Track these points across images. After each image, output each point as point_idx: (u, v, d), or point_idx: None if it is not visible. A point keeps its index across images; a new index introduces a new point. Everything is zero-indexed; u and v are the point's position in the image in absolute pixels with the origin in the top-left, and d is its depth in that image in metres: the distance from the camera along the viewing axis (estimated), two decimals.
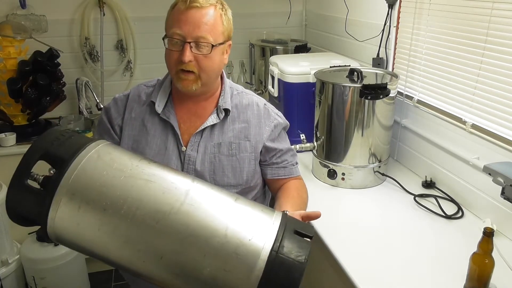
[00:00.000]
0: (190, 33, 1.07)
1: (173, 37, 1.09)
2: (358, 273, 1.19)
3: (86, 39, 2.61)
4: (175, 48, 1.10)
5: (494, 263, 1.03)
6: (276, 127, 1.26)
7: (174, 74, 1.12)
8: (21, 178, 0.72)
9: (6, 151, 2.19)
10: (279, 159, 1.28)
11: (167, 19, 1.14)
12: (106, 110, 1.22)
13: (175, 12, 1.10)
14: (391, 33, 1.89)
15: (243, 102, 1.24)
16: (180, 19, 1.08)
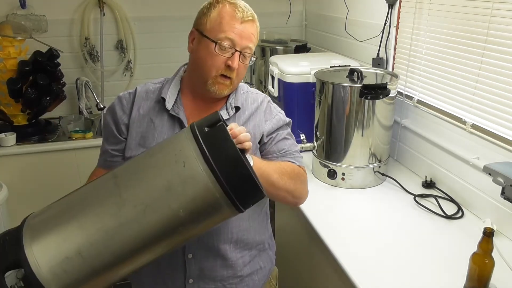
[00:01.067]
0: (241, 44, 1.11)
1: (226, 42, 1.10)
2: (358, 273, 1.19)
3: (86, 39, 2.61)
4: (223, 53, 1.11)
5: (494, 263, 1.03)
6: (278, 121, 1.26)
7: (213, 77, 1.12)
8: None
9: (6, 151, 2.19)
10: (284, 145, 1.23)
11: (215, 20, 1.11)
12: (111, 109, 1.21)
13: (226, 17, 1.10)
14: (391, 33, 1.89)
15: (249, 100, 1.25)
16: (235, 28, 1.10)
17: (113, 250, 0.75)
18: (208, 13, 1.12)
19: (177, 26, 2.71)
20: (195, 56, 1.15)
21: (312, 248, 1.52)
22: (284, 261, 1.94)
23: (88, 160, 2.29)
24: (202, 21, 1.13)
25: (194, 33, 1.15)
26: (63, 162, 2.27)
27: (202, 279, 1.16)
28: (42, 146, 2.25)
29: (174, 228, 0.76)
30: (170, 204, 0.75)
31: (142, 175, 0.78)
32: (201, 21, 1.13)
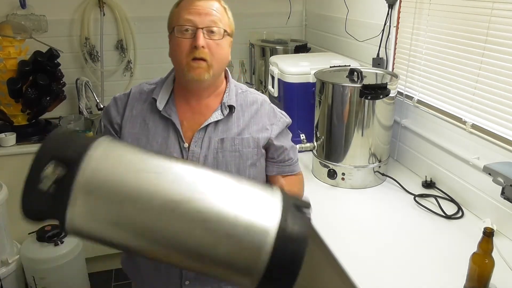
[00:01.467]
0: (202, 20, 1.08)
1: (185, 24, 1.08)
2: (358, 273, 1.19)
3: (86, 39, 2.61)
4: (184, 36, 1.09)
5: (494, 263, 1.03)
6: (283, 124, 1.27)
7: (185, 64, 1.10)
8: (34, 183, 0.73)
9: (6, 151, 2.20)
10: (286, 157, 1.28)
11: (173, 13, 1.13)
12: (106, 111, 1.21)
13: (183, 4, 1.11)
14: (391, 33, 1.89)
15: (248, 100, 1.23)
16: (190, 8, 1.09)
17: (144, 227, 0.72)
18: (171, 10, 1.13)
19: None
20: (170, 55, 1.15)
21: (312, 248, 1.52)
22: None
23: None
24: (168, 21, 1.14)
25: (168, 36, 1.15)
26: None
27: (198, 280, 1.16)
28: None
29: (200, 254, 0.72)
30: (222, 239, 0.71)
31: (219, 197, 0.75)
32: (168, 21, 1.14)
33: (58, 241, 2.18)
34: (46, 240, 2.16)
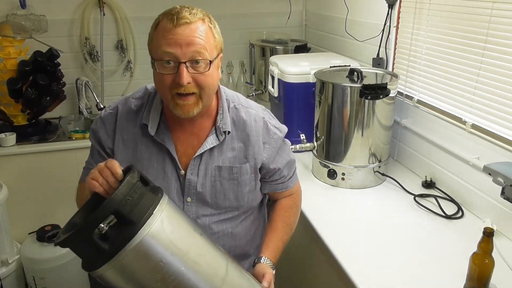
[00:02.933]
0: (184, 52, 0.97)
1: (164, 58, 0.97)
2: (358, 273, 1.19)
3: (86, 39, 2.61)
4: (168, 72, 0.99)
5: (494, 263, 1.03)
6: (276, 142, 1.19)
7: (170, 100, 1.02)
8: (90, 229, 0.77)
9: (6, 151, 2.19)
10: (278, 176, 1.24)
11: (152, 41, 1.02)
12: (94, 133, 1.14)
13: (160, 31, 0.99)
14: (391, 33, 1.89)
15: (242, 116, 1.15)
16: (169, 39, 0.97)
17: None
18: (150, 35, 1.03)
19: None
20: (155, 84, 1.08)
21: (312, 248, 1.52)
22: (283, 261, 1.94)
23: None
24: (149, 47, 1.04)
25: (151, 62, 1.04)
26: (63, 162, 2.27)
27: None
28: (42, 146, 2.25)
29: None
30: None
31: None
32: (149, 48, 1.04)
33: None
34: (46, 240, 2.16)
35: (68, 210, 2.59)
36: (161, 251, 0.80)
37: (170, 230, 0.83)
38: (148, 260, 0.79)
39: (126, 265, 0.78)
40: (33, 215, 2.30)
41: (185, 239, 0.86)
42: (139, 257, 0.78)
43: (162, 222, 0.81)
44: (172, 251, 0.81)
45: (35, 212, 2.31)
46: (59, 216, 2.33)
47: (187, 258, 0.84)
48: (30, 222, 2.28)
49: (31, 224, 2.27)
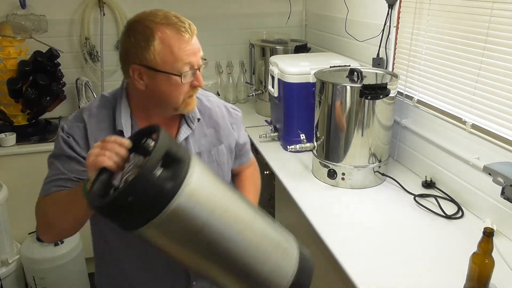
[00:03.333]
0: (197, 60, 1.05)
1: (185, 69, 1.02)
2: (358, 273, 1.19)
3: (86, 39, 2.61)
4: (189, 80, 1.04)
5: (494, 263, 1.03)
6: (239, 121, 1.29)
7: (182, 102, 1.06)
8: (151, 170, 0.78)
9: (6, 151, 2.20)
10: (245, 149, 1.32)
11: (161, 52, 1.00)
12: (65, 142, 1.07)
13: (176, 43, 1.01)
14: (391, 33, 1.89)
15: (206, 105, 1.20)
16: (188, 50, 1.02)
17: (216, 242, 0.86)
18: (150, 46, 1.00)
19: None
20: (153, 91, 1.05)
21: (312, 248, 1.52)
22: None
23: None
24: (145, 56, 1.01)
25: (138, 69, 1.02)
26: None
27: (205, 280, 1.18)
28: (42, 146, 2.25)
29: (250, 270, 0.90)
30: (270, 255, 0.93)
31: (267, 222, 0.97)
32: (144, 56, 1.01)
33: (58, 241, 2.18)
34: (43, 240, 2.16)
35: None
36: (205, 202, 0.84)
37: (209, 180, 0.88)
38: (195, 210, 0.82)
39: (176, 214, 0.80)
40: (33, 215, 2.29)
41: (221, 190, 0.91)
42: (190, 204, 0.81)
43: (202, 172, 0.85)
44: (213, 201, 0.86)
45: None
46: None
47: (226, 206, 0.89)
48: (30, 222, 2.26)
49: (31, 224, 2.26)
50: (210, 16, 2.74)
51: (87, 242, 2.39)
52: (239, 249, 0.88)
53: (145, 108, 1.11)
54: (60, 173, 1.05)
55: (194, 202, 0.81)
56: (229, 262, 0.89)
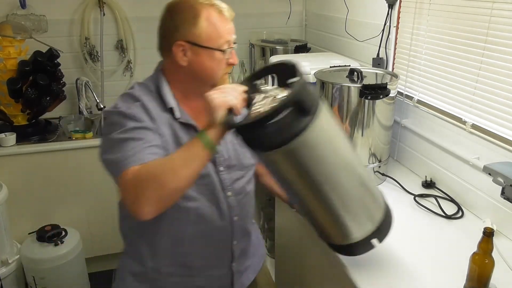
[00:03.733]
0: (233, 39, 1.14)
1: (227, 46, 1.12)
2: (357, 273, 1.19)
3: (86, 39, 2.61)
4: (227, 56, 1.13)
5: (494, 263, 1.03)
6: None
7: (219, 78, 1.15)
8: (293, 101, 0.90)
9: (6, 151, 2.19)
10: None
11: (207, 29, 1.08)
12: (132, 117, 1.05)
13: (219, 22, 1.10)
14: (391, 33, 1.89)
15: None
16: (228, 29, 1.12)
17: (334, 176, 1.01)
18: (197, 23, 1.08)
19: None
20: (193, 67, 1.11)
21: (312, 248, 1.52)
22: (284, 261, 1.94)
23: (88, 160, 2.30)
24: (191, 32, 1.08)
25: (183, 45, 1.09)
26: (63, 162, 2.27)
27: (242, 256, 1.29)
28: (42, 146, 2.25)
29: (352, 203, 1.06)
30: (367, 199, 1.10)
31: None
32: (191, 32, 1.08)
33: (58, 241, 2.18)
34: (46, 240, 2.16)
35: (68, 210, 2.60)
36: (328, 139, 0.98)
37: (332, 121, 1.00)
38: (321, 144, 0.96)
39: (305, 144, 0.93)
40: (33, 215, 2.31)
41: (340, 132, 1.04)
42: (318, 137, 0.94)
43: (327, 112, 0.98)
44: (334, 141, 1.00)
45: (35, 212, 2.31)
46: (59, 216, 2.34)
47: (344, 147, 1.03)
48: (30, 222, 2.28)
49: (31, 224, 2.27)
50: None
51: (87, 242, 2.40)
52: (345, 187, 1.03)
53: (184, 89, 1.16)
54: (146, 142, 1.02)
55: (321, 137, 0.95)
56: (334, 198, 1.02)
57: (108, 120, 1.08)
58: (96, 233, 2.43)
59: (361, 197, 1.08)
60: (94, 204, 2.37)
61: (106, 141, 1.06)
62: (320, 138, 0.95)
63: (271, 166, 1.03)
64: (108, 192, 2.37)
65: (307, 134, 0.91)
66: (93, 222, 2.40)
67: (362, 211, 1.09)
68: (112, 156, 1.00)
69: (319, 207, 1.06)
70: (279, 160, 0.96)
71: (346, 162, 1.03)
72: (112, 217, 2.43)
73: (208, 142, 0.94)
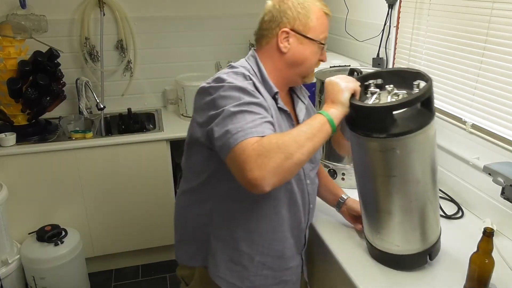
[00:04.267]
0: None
1: (324, 41, 1.20)
2: (357, 273, 1.19)
3: (86, 39, 2.61)
4: (323, 51, 1.21)
5: (494, 263, 1.03)
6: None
7: (310, 72, 1.23)
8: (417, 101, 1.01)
9: (6, 151, 2.19)
10: None
11: (315, 23, 1.17)
12: (247, 91, 1.05)
13: (322, 19, 1.18)
14: (391, 33, 1.90)
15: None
16: (327, 27, 1.21)
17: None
18: (308, 15, 1.15)
19: (177, 26, 2.71)
20: (293, 55, 1.17)
21: (312, 248, 1.52)
22: None
23: (88, 160, 2.30)
24: (300, 22, 1.15)
25: (288, 33, 1.15)
26: (63, 162, 2.27)
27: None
28: (42, 146, 2.25)
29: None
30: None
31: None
32: (300, 23, 1.15)
33: (58, 241, 2.18)
34: (46, 240, 2.16)
35: (68, 210, 2.60)
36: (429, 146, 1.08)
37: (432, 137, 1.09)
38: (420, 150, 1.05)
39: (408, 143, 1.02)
40: (33, 215, 2.31)
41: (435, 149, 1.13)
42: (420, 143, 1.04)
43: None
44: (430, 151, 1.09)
45: (35, 212, 2.31)
46: (59, 216, 2.34)
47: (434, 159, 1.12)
48: (30, 222, 2.28)
49: (31, 224, 2.27)
50: (210, 16, 2.74)
51: (87, 242, 2.40)
52: (420, 194, 1.10)
53: (278, 77, 1.19)
54: (264, 117, 1.01)
55: (425, 142, 1.04)
56: (411, 199, 1.10)
57: (218, 93, 1.04)
58: (96, 233, 2.43)
59: (431, 210, 1.14)
60: (94, 204, 2.38)
61: (219, 113, 1.02)
62: (424, 142, 1.05)
63: (363, 152, 1.10)
64: (108, 192, 2.37)
65: (424, 131, 1.02)
66: (93, 222, 2.40)
67: (428, 224, 1.14)
68: (229, 127, 0.97)
69: (389, 204, 1.12)
70: (377, 148, 1.05)
71: (432, 174, 1.11)
72: (112, 217, 2.45)
73: (331, 120, 1.01)
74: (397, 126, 1.01)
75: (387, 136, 1.02)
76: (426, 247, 1.16)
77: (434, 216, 1.17)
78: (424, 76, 1.05)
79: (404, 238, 1.15)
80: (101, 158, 2.30)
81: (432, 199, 1.14)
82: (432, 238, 1.17)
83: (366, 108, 1.03)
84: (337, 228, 1.43)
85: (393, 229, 1.15)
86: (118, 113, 2.74)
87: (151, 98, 2.88)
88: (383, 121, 1.01)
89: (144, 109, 2.84)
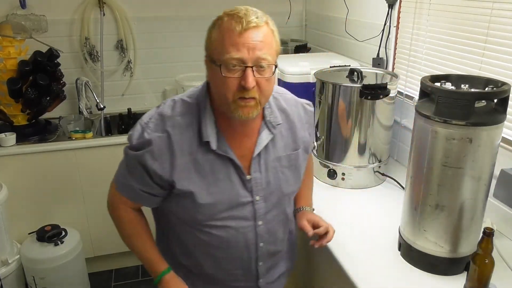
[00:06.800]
0: (250, 57, 0.96)
1: (231, 62, 0.95)
2: (357, 273, 1.19)
3: (86, 39, 2.61)
4: (234, 75, 0.96)
5: (494, 263, 1.03)
6: (312, 117, 1.26)
7: (232, 102, 0.98)
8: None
9: (6, 151, 2.19)
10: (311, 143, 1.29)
11: (214, 41, 0.99)
12: (142, 159, 1.03)
13: (226, 33, 0.96)
14: (391, 33, 1.90)
15: (282, 105, 1.16)
16: (237, 42, 0.94)
17: None
18: (211, 34, 1.00)
19: (177, 26, 2.71)
20: (211, 85, 1.05)
21: (312, 248, 1.52)
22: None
23: (88, 160, 2.30)
24: (207, 45, 1.01)
25: (206, 60, 1.03)
26: (63, 162, 2.27)
27: (270, 271, 1.25)
28: (42, 146, 2.25)
29: None
30: None
31: None
32: (207, 45, 1.01)
33: (58, 241, 2.18)
34: (46, 240, 2.16)
35: (68, 210, 2.60)
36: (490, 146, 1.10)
37: None
38: None
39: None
40: (33, 215, 2.31)
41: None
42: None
43: None
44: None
45: (35, 212, 2.31)
46: (59, 216, 2.34)
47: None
48: (30, 222, 2.28)
49: (31, 224, 2.27)
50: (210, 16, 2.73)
51: (87, 242, 2.40)
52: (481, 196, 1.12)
53: (226, 115, 1.04)
54: (129, 180, 1.12)
55: (493, 141, 1.08)
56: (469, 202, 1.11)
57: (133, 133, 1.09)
58: (96, 233, 2.43)
59: (480, 214, 1.14)
60: (94, 204, 2.37)
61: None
62: (494, 140, 1.08)
63: (432, 139, 1.09)
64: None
65: (498, 127, 1.05)
66: (93, 222, 2.40)
67: (475, 227, 1.14)
68: (119, 168, 1.16)
69: (446, 199, 1.11)
70: (452, 136, 1.05)
71: (490, 175, 1.13)
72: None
73: (159, 279, 1.15)
74: (477, 115, 1.03)
75: (466, 124, 1.03)
76: (466, 254, 1.13)
77: (480, 221, 1.15)
78: (497, 82, 1.08)
79: (451, 238, 1.13)
80: (101, 158, 2.30)
81: (483, 202, 1.13)
82: (474, 243, 1.10)
83: (454, 92, 1.05)
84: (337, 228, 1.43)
85: (441, 226, 1.14)
86: (118, 113, 2.75)
87: (151, 98, 2.88)
88: (467, 108, 1.02)
89: (144, 109, 2.84)
